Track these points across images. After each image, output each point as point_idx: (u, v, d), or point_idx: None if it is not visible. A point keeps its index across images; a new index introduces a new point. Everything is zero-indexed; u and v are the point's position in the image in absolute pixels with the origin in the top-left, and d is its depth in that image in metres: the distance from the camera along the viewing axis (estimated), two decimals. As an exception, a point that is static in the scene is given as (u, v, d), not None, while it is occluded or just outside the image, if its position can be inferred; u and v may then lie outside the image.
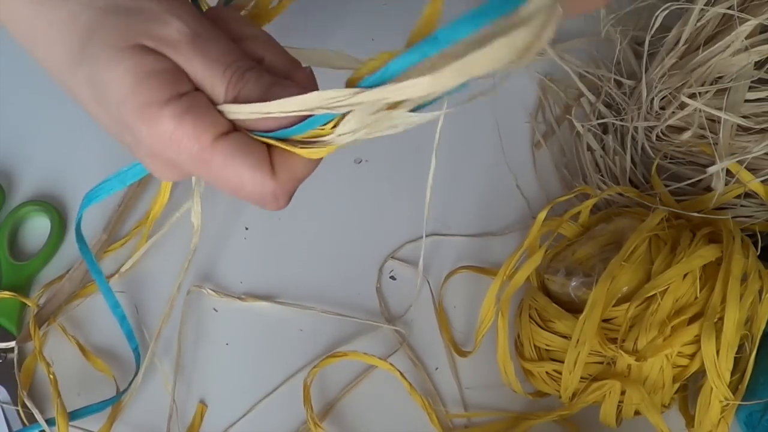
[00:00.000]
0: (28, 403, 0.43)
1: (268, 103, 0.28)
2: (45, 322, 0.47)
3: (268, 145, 0.29)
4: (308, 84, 0.30)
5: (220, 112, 0.29)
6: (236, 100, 0.29)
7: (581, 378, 0.41)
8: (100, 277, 0.44)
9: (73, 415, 0.43)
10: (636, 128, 0.50)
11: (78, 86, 0.30)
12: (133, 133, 0.29)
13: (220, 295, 0.49)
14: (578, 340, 0.39)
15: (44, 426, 0.43)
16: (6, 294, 0.47)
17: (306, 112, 0.27)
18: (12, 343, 0.46)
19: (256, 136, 0.29)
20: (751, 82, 0.45)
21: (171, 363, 0.47)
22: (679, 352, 0.40)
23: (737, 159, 0.44)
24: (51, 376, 0.43)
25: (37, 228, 0.51)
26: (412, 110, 0.27)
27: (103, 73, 0.28)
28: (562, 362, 0.41)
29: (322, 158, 0.30)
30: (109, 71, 0.28)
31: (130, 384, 0.45)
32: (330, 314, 0.48)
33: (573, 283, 0.42)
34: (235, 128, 0.29)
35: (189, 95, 0.28)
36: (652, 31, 0.48)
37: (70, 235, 0.51)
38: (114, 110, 0.29)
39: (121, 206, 0.51)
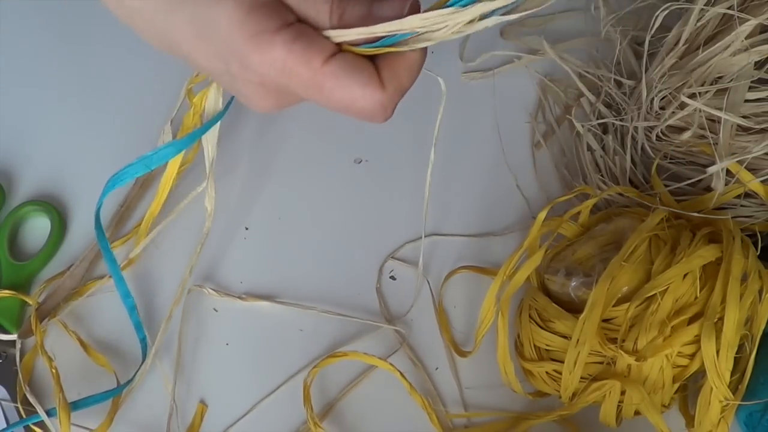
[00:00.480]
0: (30, 398, 0.43)
1: (372, 27, 0.30)
2: (45, 318, 0.47)
3: (372, 60, 0.31)
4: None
5: (326, 38, 0.30)
6: (341, 21, 0.30)
7: (581, 378, 0.41)
8: (114, 264, 0.44)
9: (75, 406, 0.43)
10: (636, 128, 0.50)
11: (176, 27, 0.31)
12: (243, 62, 0.30)
13: (221, 295, 0.49)
14: (578, 340, 0.39)
15: (44, 418, 0.42)
16: (6, 293, 0.47)
17: (407, 31, 0.30)
18: (14, 336, 0.46)
19: (361, 50, 0.31)
20: (751, 82, 0.45)
21: (171, 363, 0.47)
22: (679, 352, 0.40)
23: (737, 159, 0.44)
24: (53, 371, 0.43)
25: (37, 228, 0.51)
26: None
27: (210, 11, 0.29)
28: (562, 362, 0.41)
29: (421, 67, 0.32)
30: (215, 8, 0.29)
31: (135, 374, 0.45)
32: (330, 314, 0.48)
33: (573, 283, 0.42)
34: (340, 50, 0.31)
35: (295, 24, 0.30)
36: (652, 31, 0.48)
37: (70, 235, 0.51)
38: (221, 44, 0.30)
39: (122, 207, 0.51)
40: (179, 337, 0.48)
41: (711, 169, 0.45)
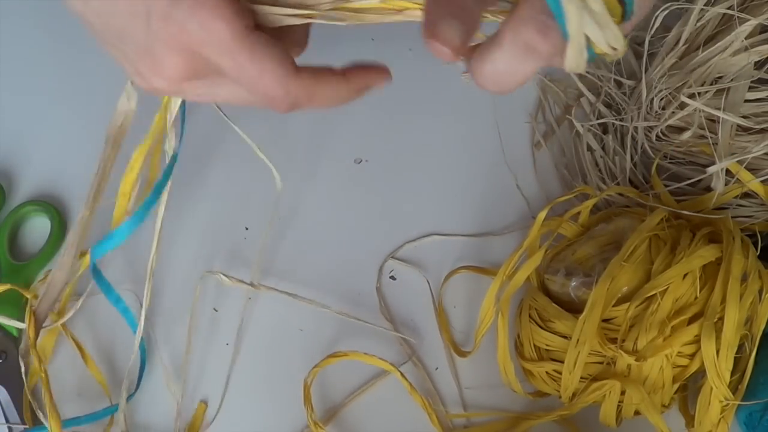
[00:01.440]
0: (38, 413, 0.43)
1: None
2: (46, 316, 0.46)
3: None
4: None
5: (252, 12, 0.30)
6: None
7: (581, 378, 0.41)
8: (124, 308, 0.45)
9: (66, 424, 0.42)
10: (636, 128, 0.50)
11: None
12: (169, 8, 0.29)
13: (232, 281, 0.48)
14: (578, 340, 0.39)
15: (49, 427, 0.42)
16: (5, 287, 0.46)
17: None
18: (23, 325, 0.46)
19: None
20: (751, 82, 0.46)
21: (171, 363, 0.47)
22: (679, 352, 0.40)
23: (737, 159, 0.44)
24: (43, 375, 0.42)
25: (37, 228, 0.51)
26: None
27: None
28: (562, 362, 0.41)
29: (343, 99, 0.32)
30: None
31: (131, 395, 0.45)
32: (332, 311, 0.48)
33: (573, 283, 0.42)
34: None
35: None
36: (652, 31, 0.48)
37: (70, 235, 0.51)
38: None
39: (98, 176, 0.48)
40: (180, 337, 0.48)
41: (711, 169, 0.45)
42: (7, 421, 0.45)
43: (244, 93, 0.32)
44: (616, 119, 0.52)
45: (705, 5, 0.46)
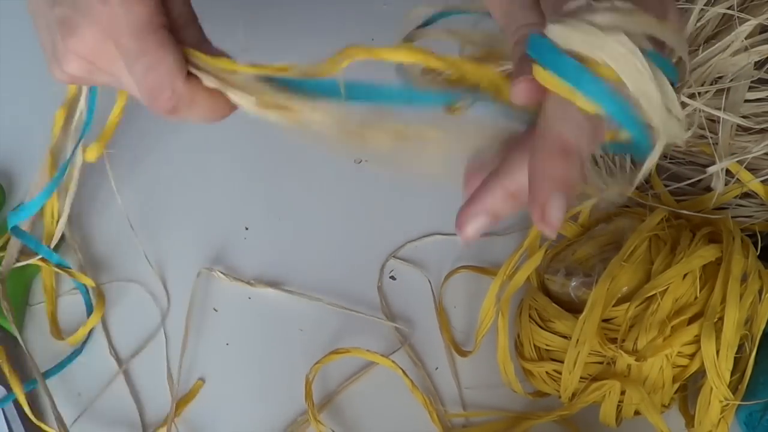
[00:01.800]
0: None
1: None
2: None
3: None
4: None
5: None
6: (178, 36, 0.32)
7: (581, 378, 0.41)
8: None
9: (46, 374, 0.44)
10: (636, 128, 0.50)
11: None
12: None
13: (230, 279, 0.49)
14: (578, 340, 0.39)
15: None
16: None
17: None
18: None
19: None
20: (751, 82, 0.45)
21: (170, 363, 0.47)
22: (679, 352, 0.40)
23: (737, 159, 0.44)
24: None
25: (37, 228, 0.51)
26: None
27: None
28: (562, 362, 0.41)
29: (218, 116, 0.33)
30: None
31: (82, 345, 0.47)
32: (334, 306, 0.48)
33: (573, 283, 0.42)
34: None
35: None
36: (652, 31, 0.48)
37: (71, 235, 0.51)
38: None
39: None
40: (179, 336, 0.48)
41: (711, 169, 0.45)
42: (7, 420, 0.45)
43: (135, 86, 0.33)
44: (616, 119, 0.52)
45: (705, 5, 0.46)
